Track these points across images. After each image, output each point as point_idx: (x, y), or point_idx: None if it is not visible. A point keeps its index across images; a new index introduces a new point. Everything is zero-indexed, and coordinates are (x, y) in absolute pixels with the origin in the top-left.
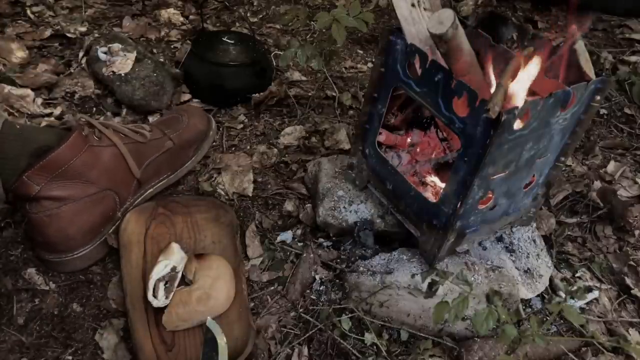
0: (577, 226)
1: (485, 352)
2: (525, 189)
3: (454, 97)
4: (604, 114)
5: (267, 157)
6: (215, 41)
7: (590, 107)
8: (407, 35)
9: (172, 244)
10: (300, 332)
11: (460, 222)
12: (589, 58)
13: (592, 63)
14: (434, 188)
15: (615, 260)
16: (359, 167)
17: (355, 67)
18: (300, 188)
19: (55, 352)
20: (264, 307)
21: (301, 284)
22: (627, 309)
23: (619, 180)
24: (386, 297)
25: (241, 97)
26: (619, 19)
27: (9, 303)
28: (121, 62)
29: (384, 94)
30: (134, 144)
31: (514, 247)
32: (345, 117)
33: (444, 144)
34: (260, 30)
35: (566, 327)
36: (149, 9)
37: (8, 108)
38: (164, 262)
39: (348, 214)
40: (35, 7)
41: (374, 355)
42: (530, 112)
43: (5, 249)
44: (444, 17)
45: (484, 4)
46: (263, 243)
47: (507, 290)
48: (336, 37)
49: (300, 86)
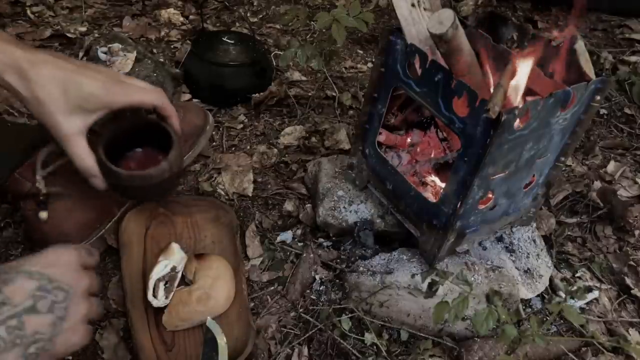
0: (577, 226)
1: (485, 352)
2: (525, 189)
3: (454, 97)
4: (604, 114)
5: (267, 157)
6: (215, 41)
7: (590, 107)
8: (407, 35)
9: (172, 244)
10: (300, 332)
11: (460, 222)
12: (589, 58)
13: (592, 63)
14: (434, 188)
15: (615, 260)
16: (359, 167)
17: (355, 67)
18: (300, 188)
19: None
20: (264, 307)
21: (301, 284)
22: (627, 309)
23: (619, 180)
24: (386, 297)
25: (241, 97)
26: (619, 19)
27: None
28: (121, 62)
29: (384, 94)
30: None
31: (514, 247)
32: (345, 117)
33: (444, 144)
34: (260, 30)
35: (566, 327)
36: (149, 9)
37: (8, 108)
38: (164, 262)
39: (348, 214)
40: (35, 7)
41: (374, 355)
42: (530, 112)
43: (6, 249)
44: (444, 17)
45: (484, 4)
46: (263, 243)
47: (507, 290)
48: (336, 37)
49: (300, 86)
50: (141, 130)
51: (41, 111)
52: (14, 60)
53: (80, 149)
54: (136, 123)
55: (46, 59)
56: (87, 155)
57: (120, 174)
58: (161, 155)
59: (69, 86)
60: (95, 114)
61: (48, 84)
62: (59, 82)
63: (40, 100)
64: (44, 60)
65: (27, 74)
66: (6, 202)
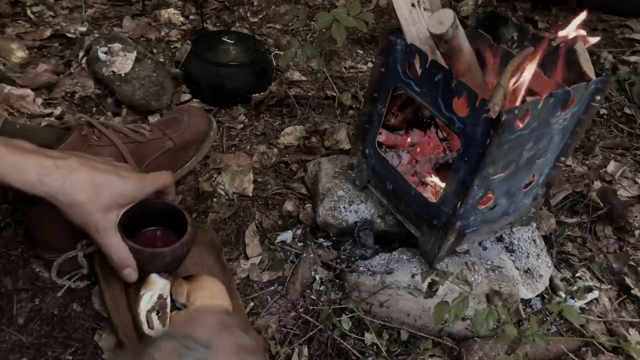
0: (577, 226)
1: (485, 352)
2: (526, 189)
3: (454, 97)
4: (604, 114)
5: (267, 157)
6: (215, 41)
7: (590, 107)
8: (407, 35)
9: (150, 276)
10: (300, 332)
11: (460, 222)
12: (589, 58)
13: (592, 63)
14: (434, 188)
15: (615, 260)
16: (359, 167)
17: (355, 67)
18: (300, 188)
19: (55, 352)
20: (264, 307)
21: (301, 284)
22: (627, 309)
23: (619, 180)
24: (386, 297)
25: (241, 97)
26: (619, 19)
27: (9, 303)
28: (121, 62)
29: (384, 94)
30: (134, 144)
31: (514, 247)
32: (345, 117)
33: (444, 144)
34: (260, 30)
35: (566, 327)
36: (149, 9)
37: (8, 108)
38: (148, 293)
39: (348, 214)
40: (35, 7)
41: (374, 355)
42: (530, 112)
43: (6, 249)
44: (444, 17)
45: (484, 4)
46: (263, 243)
47: (507, 290)
48: (336, 37)
49: (300, 86)
50: (148, 212)
51: (80, 212)
52: (48, 170)
53: (116, 241)
54: (144, 206)
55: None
56: (122, 247)
57: (142, 252)
58: (164, 230)
59: (106, 186)
60: (125, 207)
61: (84, 188)
62: (93, 185)
63: (80, 204)
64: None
65: (65, 181)
66: (6, 202)
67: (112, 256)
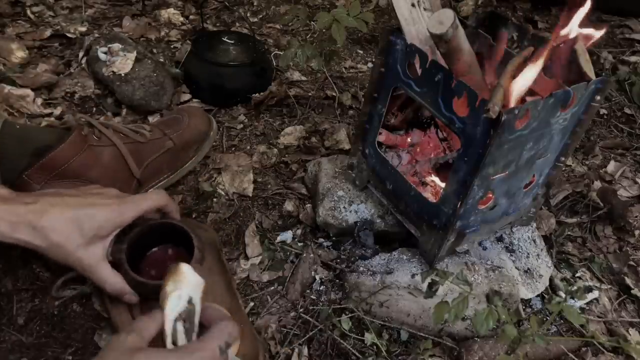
0: (577, 226)
1: (485, 352)
2: (526, 189)
3: (454, 97)
4: (604, 114)
5: (267, 157)
6: (215, 41)
7: (590, 107)
8: (407, 35)
9: (181, 265)
10: (300, 332)
11: (460, 222)
12: (589, 58)
13: (592, 63)
14: (434, 188)
15: (615, 260)
16: (359, 167)
17: (355, 67)
18: (300, 188)
19: (55, 352)
20: (263, 307)
21: (301, 284)
22: (627, 309)
23: (619, 180)
24: (386, 297)
25: (241, 97)
26: (619, 19)
27: (9, 303)
28: (121, 62)
29: (384, 94)
30: (134, 144)
31: (514, 247)
32: (345, 117)
33: (444, 144)
34: (260, 30)
35: (566, 327)
36: (149, 9)
37: (8, 108)
38: (176, 293)
39: (348, 214)
40: (35, 7)
41: (374, 355)
42: (530, 112)
43: (6, 249)
44: (444, 17)
45: (484, 4)
46: (263, 243)
47: (507, 290)
48: (336, 37)
49: (300, 86)
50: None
51: (61, 253)
52: (20, 217)
53: (105, 274)
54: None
55: (50, 202)
56: (114, 278)
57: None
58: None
59: (81, 221)
60: (111, 236)
61: (61, 227)
62: (70, 221)
63: (58, 244)
64: (49, 204)
65: (37, 225)
66: None
67: (106, 289)
